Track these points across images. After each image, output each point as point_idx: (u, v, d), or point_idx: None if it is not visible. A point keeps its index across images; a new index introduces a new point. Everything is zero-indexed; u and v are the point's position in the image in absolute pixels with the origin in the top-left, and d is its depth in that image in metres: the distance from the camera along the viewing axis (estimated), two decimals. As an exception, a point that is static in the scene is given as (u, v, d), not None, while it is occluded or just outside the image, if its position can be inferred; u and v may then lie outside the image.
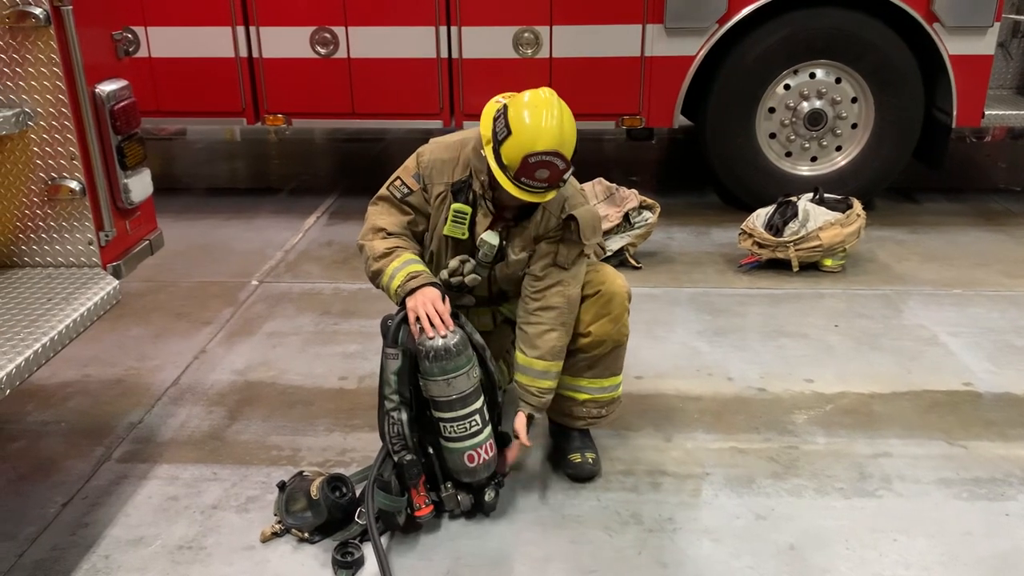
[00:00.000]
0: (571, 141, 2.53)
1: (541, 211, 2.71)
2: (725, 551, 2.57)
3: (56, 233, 2.71)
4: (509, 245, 2.73)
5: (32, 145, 2.60)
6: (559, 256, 2.70)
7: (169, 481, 2.92)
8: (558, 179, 2.52)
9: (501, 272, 2.78)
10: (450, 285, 2.74)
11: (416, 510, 2.59)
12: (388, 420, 2.62)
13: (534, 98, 2.53)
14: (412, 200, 2.76)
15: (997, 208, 5.59)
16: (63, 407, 3.40)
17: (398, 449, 2.61)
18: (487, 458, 2.65)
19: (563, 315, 2.71)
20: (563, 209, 2.70)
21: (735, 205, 5.38)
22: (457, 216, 2.70)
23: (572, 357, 2.81)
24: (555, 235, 2.71)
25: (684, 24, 4.96)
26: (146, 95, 4.94)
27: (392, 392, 2.61)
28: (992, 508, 2.75)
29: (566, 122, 2.51)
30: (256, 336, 3.96)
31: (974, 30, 4.88)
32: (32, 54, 2.51)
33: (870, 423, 3.21)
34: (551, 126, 2.47)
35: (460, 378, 2.56)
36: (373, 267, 2.73)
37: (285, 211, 5.67)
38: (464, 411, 2.59)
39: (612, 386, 2.88)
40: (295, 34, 5.13)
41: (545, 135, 2.46)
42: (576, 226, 2.65)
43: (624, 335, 2.81)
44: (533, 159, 2.45)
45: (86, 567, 2.53)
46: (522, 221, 2.73)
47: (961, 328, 3.93)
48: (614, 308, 2.75)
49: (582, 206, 2.72)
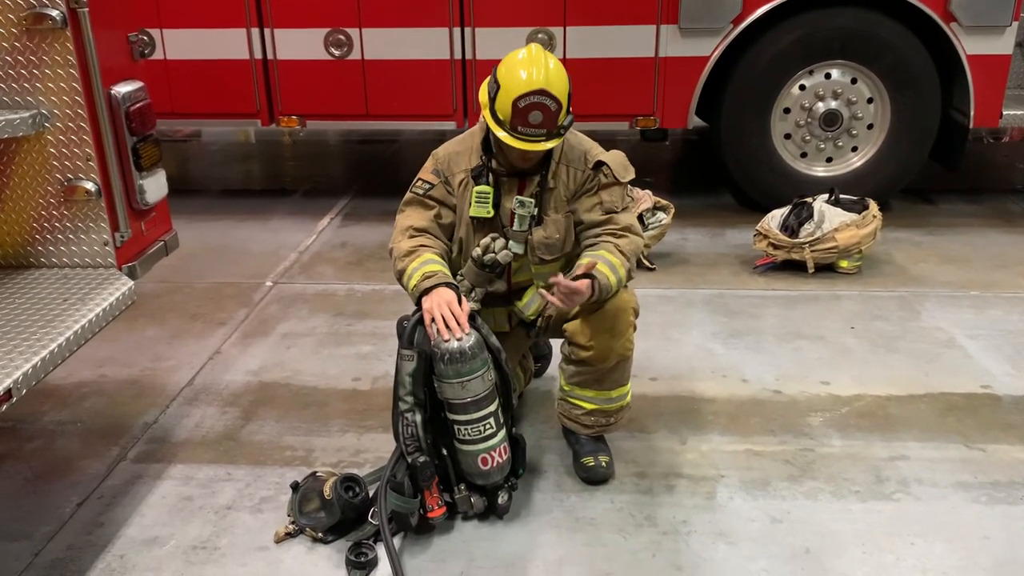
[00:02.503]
0: (560, 83, 2.57)
1: (565, 169, 2.75)
2: (740, 554, 2.55)
3: (72, 234, 2.73)
4: (543, 209, 2.75)
5: (48, 146, 2.62)
6: (605, 203, 2.75)
7: (184, 481, 2.93)
8: (554, 123, 2.56)
9: (538, 237, 2.76)
10: (483, 264, 2.74)
11: (429, 511, 2.59)
12: (402, 421, 2.62)
13: (520, 51, 2.62)
14: (434, 193, 2.81)
15: (1015, 209, 5.54)
16: (79, 407, 3.41)
17: (412, 451, 2.61)
18: (501, 461, 2.64)
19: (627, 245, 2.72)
20: (586, 160, 2.76)
21: (750, 206, 5.36)
22: (480, 197, 2.74)
23: (578, 370, 2.81)
24: (591, 187, 2.76)
25: (698, 25, 4.93)
26: (161, 97, 4.96)
27: (407, 393, 2.60)
28: (1011, 512, 2.72)
29: (553, 66, 2.58)
30: (270, 337, 3.97)
31: (992, 30, 4.83)
32: (49, 56, 2.53)
33: (887, 426, 3.19)
34: (536, 68, 2.55)
35: (475, 381, 2.55)
36: (397, 267, 2.75)
37: (299, 212, 5.68)
38: (478, 414, 2.58)
39: (619, 396, 2.87)
40: (309, 36, 5.14)
41: (531, 77, 2.54)
42: (609, 168, 2.74)
43: (629, 349, 2.78)
44: (522, 102, 2.52)
45: (101, 566, 2.54)
46: (541, 182, 2.74)
47: (979, 330, 3.90)
48: (618, 324, 2.72)
49: (608, 153, 2.80)
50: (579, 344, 2.76)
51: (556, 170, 2.75)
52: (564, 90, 2.58)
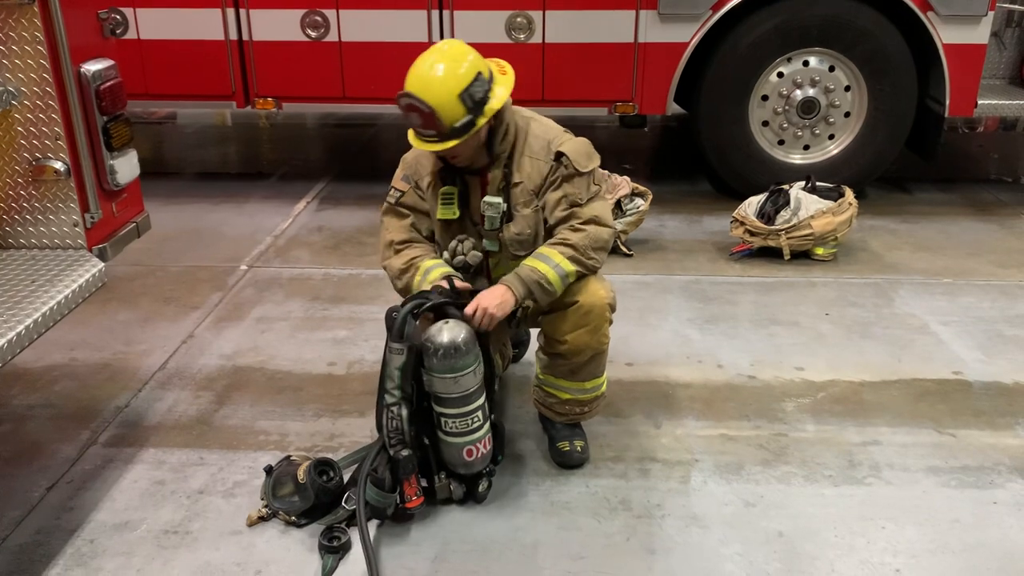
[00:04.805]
0: (439, 89, 2.49)
1: (529, 161, 2.69)
2: (714, 538, 2.56)
3: (41, 214, 2.68)
4: (512, 205, 2.72)
5: (16, 124, 2.57)
6: (569, 196, 2.68)
7: (155, 465, 2.90)
8: (432, 125, 2.51)
9: (509, 234, 2.73)
10: (455, 267, 2.74)
11: (407, 501, 2.57)
12: (387, 414, 2.58)
13: (429, 48, 2.59)
14: (406, 201, 2.82)
15: (988, 198, 5.59)
16: (49, 390, 3.37)
17: (395, 443, 2.58)
18: (485, 452, 2.65)
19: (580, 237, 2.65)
20: (549, 150, 2.69)
21: (727, 193, 5.37)
22: (445, 198, 2.73)
23: (553, 361, 2.81)
24: (555, 179, 2.70)
25: (678, 10, 4.93)
26: (135, 77, 4.89)
27: (395, 387, 2.56)
28: (980, 496, 2.75)
29: (440, 72, 2.51)
30: (245, 321, 3.93)
31: (968, 19, 4.86)
32: (16, 32, 2.48)
33: (860, 411, 3.21)
34: (419, 69, 2.52)
35: (467, 376, 2.54)
36: (399, 286, 2.79)
37: (275, 196, 5.63)
38: (467, 408, 2.57)
39: (593, 387, 2.87)
40: (286, 17, 5.08)
41: (410, 77, 2.52)
42: (568, 159, 2.66)
43: (603, 344, 2.77)
44: (401, 100, 2.53)
45: (71, 551, 2.51)
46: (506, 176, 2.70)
47: (952, 317, 3.94)
48: (592, 320, 2.70)
49: (570, 141, 2.72)
50: (555, 338, 2.75)
51: (520, 162, 2.70)
52: (444, 97, 2.48)
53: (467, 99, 2.50)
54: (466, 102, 2.51)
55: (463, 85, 2.50)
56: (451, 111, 2.50)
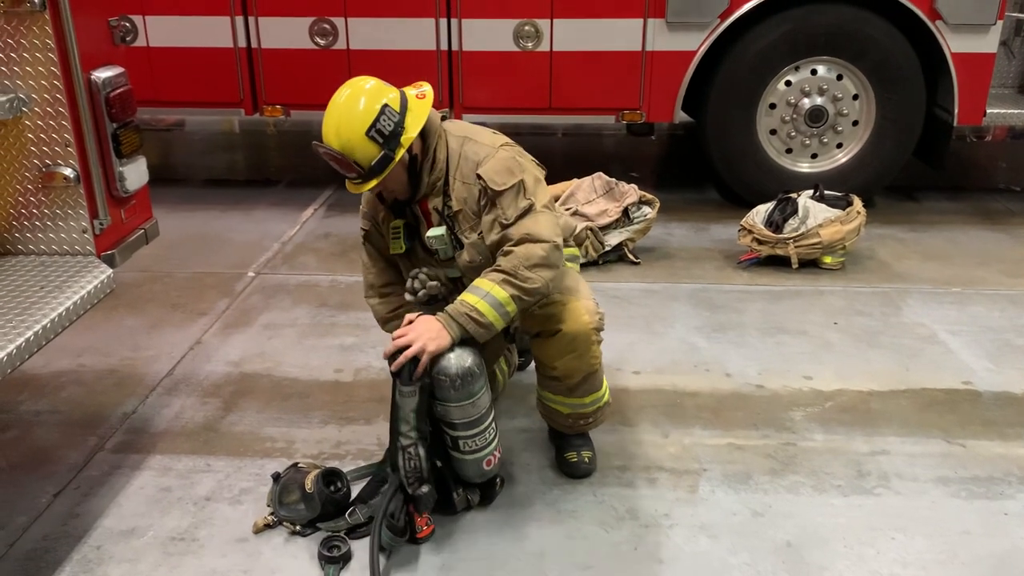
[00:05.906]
0: (344, 131, 2.46)
1: (462, 186, 2.60)
2: (722, 548, 2.55)
3: (50, 220, 2.69)
4: (459, 232, 2.65)
5: (27, 131, 2.58)
6: (499, 218, 2.54)
7: (162, 472, 2.90)
8: (351, 168, 2.49)
9: (461, 261, 2.67)
10: (421, 302, 2.72)
11: (418, 532, 2.54)
12: (405, 455, 2.52)
13: (336, 93, 2.52)
14: (371, 240, 2.87)
15: (997, 207, 5.57)
16: (56, 397, 3.37)
17: (412, 482, 2.52)
18: (500, 456, 2.66)
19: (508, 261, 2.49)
20: (476, 173, 2.58)
21: (735, 201, 5.36)
22: (393, 232, 2.73)
23: (548, 382, 2.79)
24: (485, 202, 2.58)
25: (686, 19, 4.92)
26: (144, 84, 4.90)
27: (410, 429, 2.50)
28: (990, 507, 2.73)
29: (340, 114, 2.47)
30: (252, 327, 3.94)
31: (977, 28, 4.85)
32: (27, 39, 2.49)
33: (868, 421, 3.20)
34: (326, 117, 2.51)
35: (483, 396, 2.53)
36: (386, 330, 2.84)
37: (283, 203, 5.64)
38: (483, 425, 2.57)
39: (593, 401, 2.83)
40: (294, 24, 5.09)
41: (323, 127, 2.50)
42: (484, 181, 2.54)
43: (594, 365, 2.71)
44: (318, 151, 2.51)
45: (77, 557, 2.51)
46: (446, 204, 2.63)
47: (961, 327, 3.92)
48: (578, 346, 2.64)
49: (490, 159, 2.57)
50: (545, 363, 2.73)
51: (455, 188, 2.61)
52: (350, 139, 2.45)
53: (376, 136, 2.45)
54: (376, 139, 2.45)
55: (367, 123, 2.44)
56: (362, 151, 2.46)
